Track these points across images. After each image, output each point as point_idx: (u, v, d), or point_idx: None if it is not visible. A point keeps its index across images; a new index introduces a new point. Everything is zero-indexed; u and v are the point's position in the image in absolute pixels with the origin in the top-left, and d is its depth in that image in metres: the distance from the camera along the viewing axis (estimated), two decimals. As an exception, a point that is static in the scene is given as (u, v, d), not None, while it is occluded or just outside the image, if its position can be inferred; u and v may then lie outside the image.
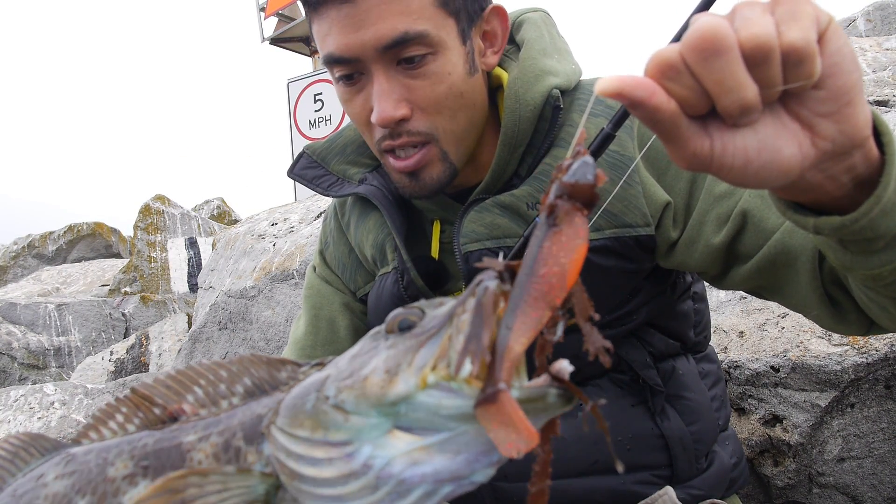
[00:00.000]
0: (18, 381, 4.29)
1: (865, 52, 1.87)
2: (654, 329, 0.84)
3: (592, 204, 0.31)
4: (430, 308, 0.36)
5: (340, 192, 0.92)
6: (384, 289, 0.88)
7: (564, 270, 0.30)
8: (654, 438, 0.82)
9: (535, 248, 0.30)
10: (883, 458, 1.23)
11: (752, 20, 0.37)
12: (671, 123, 0.39)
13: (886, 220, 0.46)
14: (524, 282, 0.30)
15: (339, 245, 0.99)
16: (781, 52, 0.37)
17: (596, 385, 0.84)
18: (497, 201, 0.81)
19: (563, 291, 0.30)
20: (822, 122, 0.40)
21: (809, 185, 0.44)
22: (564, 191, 0.31)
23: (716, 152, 0.40)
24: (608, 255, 0.77)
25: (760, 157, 0.40)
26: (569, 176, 0.31)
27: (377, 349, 0.35)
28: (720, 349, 1.36)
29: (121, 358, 3.59)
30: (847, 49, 0.38)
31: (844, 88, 0.39)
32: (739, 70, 0.37)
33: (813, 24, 0.37)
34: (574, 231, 0.30)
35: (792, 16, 0.37)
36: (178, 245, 5.88)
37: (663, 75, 0.38)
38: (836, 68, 0.38)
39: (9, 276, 6.99)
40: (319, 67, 7.12)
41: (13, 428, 2.21)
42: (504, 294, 0.31)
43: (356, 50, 0.72)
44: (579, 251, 0.30)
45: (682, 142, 0.40)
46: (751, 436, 1.31)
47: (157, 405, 0.43)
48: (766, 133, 0.40)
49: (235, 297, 2.12)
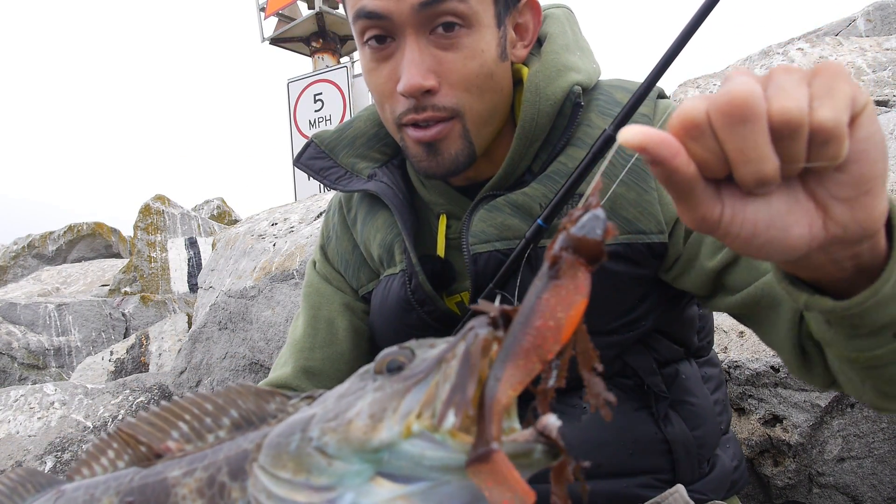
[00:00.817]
0: (18, 381, 4.29)
1: (865, 52, 1.87)
2: (659, 335, 0.84)
3: (598, 260, 0.30)
4: (420, 349, 0.35)
5: (349, 187, 0.89)
6: (390, 290, 0.87)
7: (560, 325, 0.29)
8: (658, 443, 0.81)
9: (534, 298, 0.29)
10: (883, 458, 1.23)
11: (786, 91, 0.36)
12: (687, 186, 0.38)
13: (877, 312, 0.45)
14: (518, 332, 0.29)
15: (343, 241, 0.97)
16: (810, 130, 0.35)
17: None
18: (510, 200, 0.79)
19: (557, 345, 0.29)
20: (838, 207, 0.38)
21: (811, 265, 0.43)
22: (570, 243, 0.30)
23: (724, 220, 0.39)
24: (620, 261, 0.76)
25: (768, 231, 0.39)
26: (577, 229, 0.30)
27: (364, 390, 0.35)
28: (720, 349, 1.36)
29: (121, 358, 3.59)
30: (878, 137, 0.37)
31: (868, 177, 0.37)
32: (764, 142, 0.36)
33: (848, 104, 0.36)
34: (575, 286, 0.29)
35: (828, 92, 0.36)
36: (178, 245, 5.88)
37: (687, 134, 0.37)
38: (862, 154, 0.37)
39: (9, 276, 6.99)
40: (319, 67, 7.11)
41: (13, 428, 2.21)
42: (497, 340, 0.30)
43: (391, 6, 0.70)
44: (578, 308, 0.29)
45: (693, 204, 0.39)
46: (751, 436, 1.31)
47: (141, 443, 0.43)
48: (779, 208, 0.38)
49: (235, 297, 2.12)
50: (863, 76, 1.77)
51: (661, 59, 0.68)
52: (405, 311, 0.85)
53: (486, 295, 0.78)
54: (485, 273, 0.79)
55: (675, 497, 0.76)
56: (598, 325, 0.79)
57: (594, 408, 0.30)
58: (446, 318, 0.83)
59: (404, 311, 0.85)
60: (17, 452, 2.10)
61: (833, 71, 0.37)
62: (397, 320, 0.86)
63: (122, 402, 2.31)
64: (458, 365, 0.30)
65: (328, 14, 7.07)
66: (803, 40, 2.02)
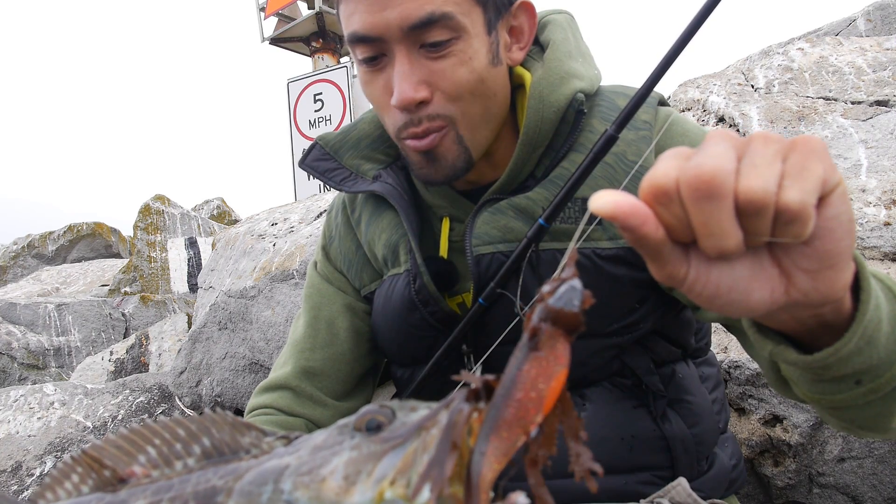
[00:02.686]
0: (18, 381, 4.29)
1: (865, 52, 1.87)
2: (657, 336, 0.84)
3: (577, 331, 0.30)
4: (401, 411, 0.35)
5: (354, 188, 0.90)
6: (394, 290, 0.87)
7: (542, 396, 0.29)
8: (656, 440, 0.82)
9: (514, 370, 0.30)
10: (883, 458, 1.23)
11: (756, 169, 0.36)
12: (655, 249, 0.39)
13: (840, 366, 0.47)
14: (500, 404, 0.29)
15: (346, 240, 0.97)
16: (776, 209, 0.36)
17: (598, 387, 0.83)
18: (512, 203, 0.80)
19: (540, 416, 0.29)
20: (802, 276, 0.39)
21: (773, 321, 0.45)
22: (549, 315, 0.30)
23: (689, 279, 0.40)
24: (620, 265, 0.77)
25: (730, 294, 0.40)
26: (554, 301, 0.30)
27: (341, 446, 0.34)
28: (720, 349, 1.36)
29: (121, 358, 3.59)
30: (845, 217, 0.38)
31: (832, 253, 0.38)
32: (727, 218, 0.37)
33: (817, 186, 0.36)
34: (555, 357, 0.30)
35: (800, 172, 0.36)
36: (178, 245, 5.87)
37: (656, 200, 0.38)
38: (828, 232, 0.38)
39: (8, 276, 6.99)
40: (319, 67, 7.11)
41: (13, 428, 2.21)
42: (478, 411, 0.30)
43: (380, 29, 0.72)
44: (558, 378, 0.30)
45: (661, 263, 0.40)
46: (751, 436, 1.31)
47: (106, 467, 0.41)
48: (742, 274, 0.40)
49: (235, 297, 2.12)
50: (863, 76, 1.77)
51: (662, 59, 0.68)
52: (408, 310, 0.86)
53: (488, 295, 0.78)
54: (487, 274, 0.80)
55: (678, 490, 0.77)
56: (598, 328, 0.80)
57: (579, 477, 0.30)
58: (448, 318, 0.84)
59: (408, 310, 0.86)
60: (16, 452, 2.10)
61: (809, 148, 0.37)
62: (400, 320, 0.87)
63: (121, 403, 2.31)
64: (439, 438, 0.30)
65: (328, 14, 7.07)
66: (803, 40, 2.02)
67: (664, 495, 0.77)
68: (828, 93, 1.75)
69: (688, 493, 0.76)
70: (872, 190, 1.38)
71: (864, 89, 1.71)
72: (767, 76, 1.90)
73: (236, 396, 2.18)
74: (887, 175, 1.40)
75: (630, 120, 0.70)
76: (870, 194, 1.37)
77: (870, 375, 0.49)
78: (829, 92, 1.75)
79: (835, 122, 1.60)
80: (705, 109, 1.86)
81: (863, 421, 0.54)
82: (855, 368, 0.48)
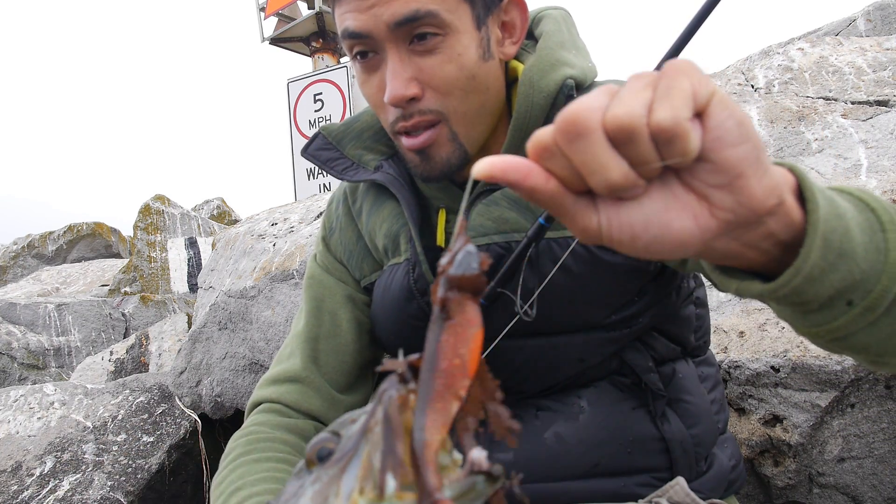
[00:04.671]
0: (18, 381, 4.29)
1: (865, 52, 1.87)
2: (657, 333, 0.84)
3: (482, 290, 0.31)
4: (343, 427, 0.35)
5: (356, 178, 0.92)
6: (394, 279, 0.88)
7: (465, 361, 0.30)
8: (655, 441, 0.82)
9: (433, 343, 0.31)
10: (883, 458, 1.23)
11: (621, 100, 0.37)
12: (553, 202, 0.39)
13: (814, 287, 0.44)
14: (428, 379, 0.30)
15: (347, 231, 0.98)
16: (650, 133, 0.36)
17: (597, 387, 0.83)
18: (506, 194, 0.81)
19: (467, 380, 0.30)
20: (717, 193, 0.38)
21: (726, 254, 0.43)
22: (452, 283, 0.31)
23: (603, 228, 0.39)
24: (616, 252, 0.77)
25: (648, 231, 0.39)
26: (455, 269, 0.31)
27: (303, 488, 0.34)
28: (720, 349, 1.36)
29: (121, 358, 3.59)
30: (731, 122, 0.37)
31: (731, 161, 0.37)
32: (601, 152, 0.37)
33: (687, 101, 0.36)
34: (468, 320, 0.31)
35: (667, 93, 0.36)
36: (178, 245, 5.87)
37: (539, 156, 0.39)
38: (718, 142, 0.37)
39: (8, 276, 6.99)
40: (319, 67, 7.11)
41: (13, 428, 2.21)
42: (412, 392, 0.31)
43: (370, 26, 0.74)
44: (476, 339, 0.31)
45: (569, 217, 0.40)
46: (751, 436, 1.31)
47: None
48: (654, 208, 0.39)
49: (235, 297, 2.11)
50: (863, 76, 1.77)
51: (662, 58, 0.68)
52: (407, 300, 0.86)
53: (488, 295, 0.78)
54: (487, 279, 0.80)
55: (677, 489, 0.77)
56: (597, 319, 0.80)
57: (499, 436, 0.31)
58: None
59: (406, 300, 0.87)
60: (16, 452, 2.10)
61: (675, 69, 0.37)
62: (399, 310, 0.88)
63: (121, 402, 2.31)
64: (382, 429, 0.30)
65: (328, 14, 7.07)
66: (803, 40, 2.02)
67: (662, 495, 0.77)
68: (828, 93, 1.75)
69: (686, 492, 0.77)
70: (872, 190, 1.38)
71: (864, 89, 1.71)
72: (767, 76, 1.90)
73: (236, 396, 2.18)
74: (887, 175, 1.40)
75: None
76: (870, 194, 1.37)
77: (859, 292, 0.45)
78: (829, 92, 1.75)
79: (835, 122, 1.60)
80: (705, 109, 1.86)
81: (882, 347, 0.48)
82: (837, 287, 0.44)
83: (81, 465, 2.04)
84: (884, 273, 0.44)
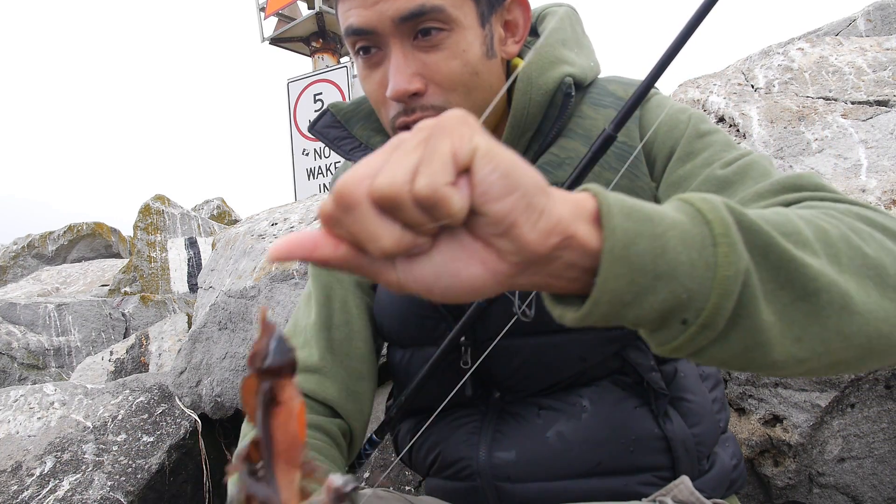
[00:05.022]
0: (18, 381, 4.29)
1: (865, 52, 1.87)
2: None
3: (295, 368, 0.33)
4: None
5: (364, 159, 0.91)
6: None
7: (296, 433, 0.33)
8: (657, 440, 0.82)
9: (266, 429, 0.33)
10: (883, 458, 1.23)
11: (387, 170, 0.37)
12: (349, 265, 0.40)
13: (632, 310, 0.42)
14: (268, 460, 0.33)
15: None
16: (412, 200, 0.37)
17: (599, 386, 0.83)
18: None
19: (301, 447, 0.33)
20: (498, 241, 0.39)
21: (534, 286, 0.42)
22: (274, 373, 0.33)
23: (402, 282, 0.40)
24: None
25: (439, 282, 0.40)
26: (270, 361, 0.33)
27: None
28: (720, 349, 1.36)
29: (121, 358, 3.59)
30: (494, 176, 0.37)
31: (499, 214, 0.37)
32: (370, 222, 0.37)
33: (446, 165, 0.36)
34: (290, 397, 0.33)
35: (428, 157, 0.37)
36: (178, 245, 5.87)
37: (327, 225, 0.39)
38: (484, 197, 0.37)
39: (8, 276, 6.99)
40: (319, 67, 7.11)
41: (13, 428, 2.21)
42: (256, 472, 0.33)
43: (374, 21, 0.74)
44: (300, 411, 0.33)
45: (374, 276, 0.41)
46: (751, 436, 1.31)
47: None
48: (442, 259, 0.39)
49: (235, 297, 2.11)
50: (863, 76, 1.77)
51: (661, 58, 0.68)
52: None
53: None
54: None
55: (681, 488, 0.77)
56: None
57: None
58: None
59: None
60: (16, 452, 2.10)
61: (439, 128, 0.38)
62: (404, 297, 0.88)
63: (121, 402, 2.31)
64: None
65: (328, 14, 7.07)
66: (803, 40, 2.02)
67: (667, 494, 0.77)
68: (828, 93, 1.75)
69: (690, 490, 0.76)
70: (872, 190, 1.38)
71: (864, 89, 1.71)
72: (767, 76, 1.90)
73: (236, 396, 2.18)
74: (887, 175, 1.40)
75: (629, 119, 0.70)
76: (870, 194, 1.37)
77: (691, 311, 0.42)
78: (829, 92, 1.75)
79: (835, 122, 1.60)
80: (705, 109, 1.86)
81: (734, 362, 0.46)
82: (660, 308, 0.42)
83: (81, 465, 2.04)
84: (713, 291, 0.41)
